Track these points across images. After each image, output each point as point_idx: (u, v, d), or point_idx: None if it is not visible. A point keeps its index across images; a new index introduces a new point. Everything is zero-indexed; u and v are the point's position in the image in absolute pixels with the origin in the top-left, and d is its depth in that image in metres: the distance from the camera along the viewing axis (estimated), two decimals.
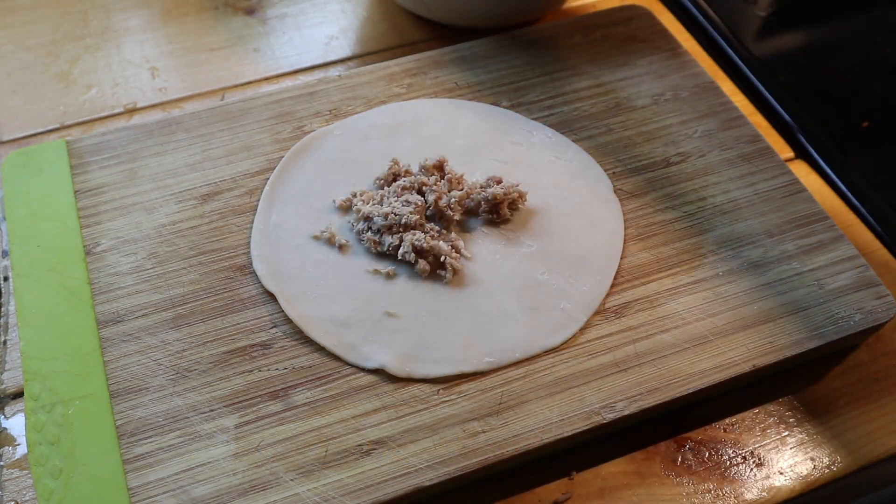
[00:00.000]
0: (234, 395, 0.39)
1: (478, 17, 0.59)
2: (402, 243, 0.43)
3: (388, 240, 0.44)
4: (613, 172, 0.49)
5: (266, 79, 0.59)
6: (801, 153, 0.55)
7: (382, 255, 0.44)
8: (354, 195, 0.47)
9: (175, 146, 0.50)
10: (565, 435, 0.38)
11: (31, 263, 0.44)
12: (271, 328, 0.42)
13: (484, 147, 0.50)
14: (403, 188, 0.46)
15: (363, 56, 0.60)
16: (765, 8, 0.64)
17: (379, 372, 0.40)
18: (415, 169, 0.48)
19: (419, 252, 0.43)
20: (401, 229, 0.44)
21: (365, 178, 0.48)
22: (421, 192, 0.46)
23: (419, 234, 0.43)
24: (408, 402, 0.39)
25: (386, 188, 0.47)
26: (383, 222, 0.44)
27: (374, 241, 0.44)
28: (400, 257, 0.43)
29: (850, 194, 0.52)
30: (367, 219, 0.45)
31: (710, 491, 0.39)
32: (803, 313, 0.43)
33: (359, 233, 0.45)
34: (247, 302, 0.43)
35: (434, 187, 0.45)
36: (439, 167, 0.47)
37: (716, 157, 0.50)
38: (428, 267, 0.43)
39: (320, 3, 0.64)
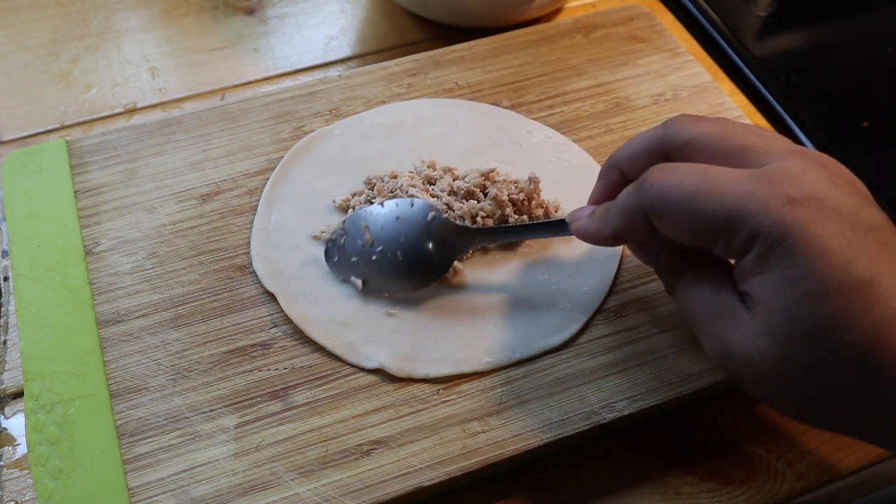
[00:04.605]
0: (234, 395, 0.39)
1: (478, 17, 0.59)
2: None
3: None
4: None
5: (266, 79, 0.59)
6: None
7: None
8: (354, 195, 0.47)
9: (175, 146, 0.50)
10: (565, 435, 0.38)
11: (31, 263, 0.44)
12: (271, 328, 0.42)
13: (484, 147, 0.50)
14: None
15: (363, 56, 0.60)
16: (765, 8, 0.64)
17: (379, 372, 0.40)
18: (407, 170, 0.48)
19: None
20: None
21: (365, 179, 0.48)
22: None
23: None
24: (408, 402, 0.39)
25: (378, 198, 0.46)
26: None
27: None
28: None
29: None
30: None
31: (710, 491, 0.39)
32: None
33: None
34: (247, 302, 0.43)
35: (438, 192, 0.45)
36: (432, 166, 0.47)
37: None
38: None
39: (320, 3, 0.64)
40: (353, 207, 0.46)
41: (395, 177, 0.46)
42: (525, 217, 0.45)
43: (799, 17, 0.64)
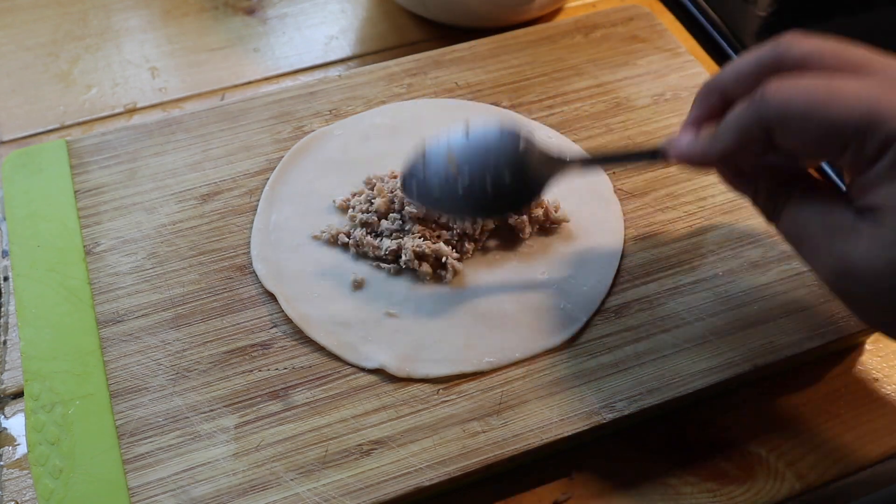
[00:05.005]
0: (234, 395, 0.39)
1: (478, 17, 0.59)
2: (404, 250, 0.43)
3: (386, 243, 0.44)
4: (613, 172, 0.49)
5: (266, 79, 0.59)
6: None
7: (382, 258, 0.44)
8: (354, 195, 0.47)
9: (175, 146, 0.50)
10: (565, 435, 0.38)
11: (31, 263, 0.44)
12: (271, 328, 0.42)
13: None
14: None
15: (363, 56, 0.60)
16: (765, 8, 0.64)
17: (379, 372, 0.40)
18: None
19: (420, 257, 0.43)
20: (400, 235, 0.44)
21: (365, 179, 0.48)
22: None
23: (418, 241, 0.43)
24: (408, 402, 0.39)
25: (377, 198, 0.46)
26: (388, 225, 0.44)
27: (374, 246, 0.44)
28: (403, 265, 0.43)
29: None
30: (365, 224, 0.45)
31: (710, 491, 0.39)
32: (803, 313, 0.43)
33: (357, 239, 0.44)
34: (247, 302, 0.43)
35: None
36: None
37: None
38: (430, 270, 0.43)
39: (320, 3, 0.64)
40: (353, 207, 0.46)
41: (395, 177, 0.46)
42: (525, 217, 0.45)
43: (799, 17, 0.64)
